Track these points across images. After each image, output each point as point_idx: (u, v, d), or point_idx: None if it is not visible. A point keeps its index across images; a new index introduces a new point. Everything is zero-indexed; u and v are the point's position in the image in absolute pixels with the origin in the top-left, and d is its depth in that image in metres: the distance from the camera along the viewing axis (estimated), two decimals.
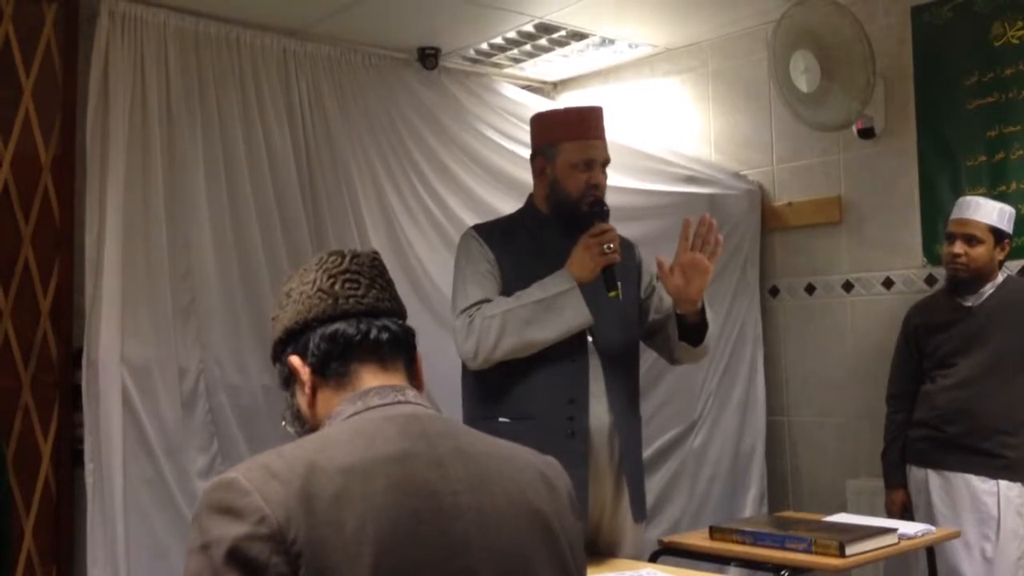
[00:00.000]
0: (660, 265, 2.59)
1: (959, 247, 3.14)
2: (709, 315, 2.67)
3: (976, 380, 3.11)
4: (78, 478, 2.85)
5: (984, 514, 3.03)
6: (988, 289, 3.16)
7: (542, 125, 2.80)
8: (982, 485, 3.07)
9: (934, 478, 3.18)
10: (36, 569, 2.81)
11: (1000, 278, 3.18)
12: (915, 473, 3.27)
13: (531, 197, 2.79)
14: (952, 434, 3.15)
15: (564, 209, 2.65)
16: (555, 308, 2.51)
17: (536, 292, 2.53)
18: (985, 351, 3.12)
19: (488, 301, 2.57)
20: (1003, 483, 3.05)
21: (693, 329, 2.67)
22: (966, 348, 3.15)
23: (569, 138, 2.68)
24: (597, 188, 2.66)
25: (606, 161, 2.71)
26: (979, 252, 3.12)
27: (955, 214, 3.20)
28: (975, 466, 3.09)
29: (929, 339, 3.26)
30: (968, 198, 3.22)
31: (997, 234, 3.13)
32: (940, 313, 3.25)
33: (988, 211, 3.13)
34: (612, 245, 2.54)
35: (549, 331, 2.52)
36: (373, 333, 1.29)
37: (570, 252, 2.57)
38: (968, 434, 3.11)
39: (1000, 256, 3.16)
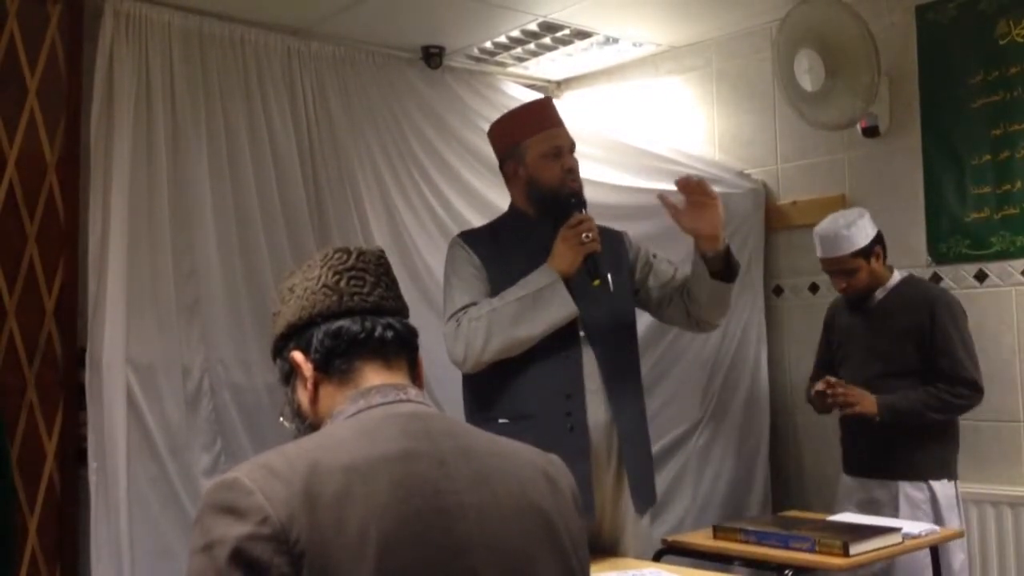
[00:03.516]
0: (669, 203, 2.60)
1: (840, 281, 3.18)
2: (735, 253, 2.66)
3: (868, 382, 3.11)
4: (82, 477, 2.86)
5: (888, 516, 3.02)
6: (879, 293, 3.20)
7: (501, 131, 2.83)
8: (882, 487, 3.10)
9: (850, 485, 3.23)
10: (40, 567, 2.82)
11: (896, 278, 3.21)
12: (842, 481, 3.30)
13: (512, 203, 2.81)
14: (857, 439, 3.20)
15: (547, 202, 2.67)
16: (539, 303, 2.53)
17: (519, 290, 2.55)
18: (875, 353, 3.15)
19: (474, 304, 2.59)
20: (903, 484, 3.07)
21: (720, 273, 2.65)
22: (858, 350, 3.19)
23: (531, 133, 2.71)
24: (572, 172, 2.69)
25: (572, 145, 2.74)
26: (860, 277, 3.16)
27: (821, 252, 3.19)
28: (877, 470, 3.13)
29: (833, 339, 3.35)
30: (822, 233, 3.17)
31: (866, 251, 3.13)
32: (842, 315, 3.33)
33: (849, 241, 3.12)
34: (590, 234, 2.55)
35: (535, 327, 2.53)
36: (378, 331, 1.29)
37: None
38: (870, 437, 3.13)
39: (879, 262, 3.18)
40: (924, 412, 3.04)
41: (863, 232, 3.14)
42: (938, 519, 3.02)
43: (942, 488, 3.08)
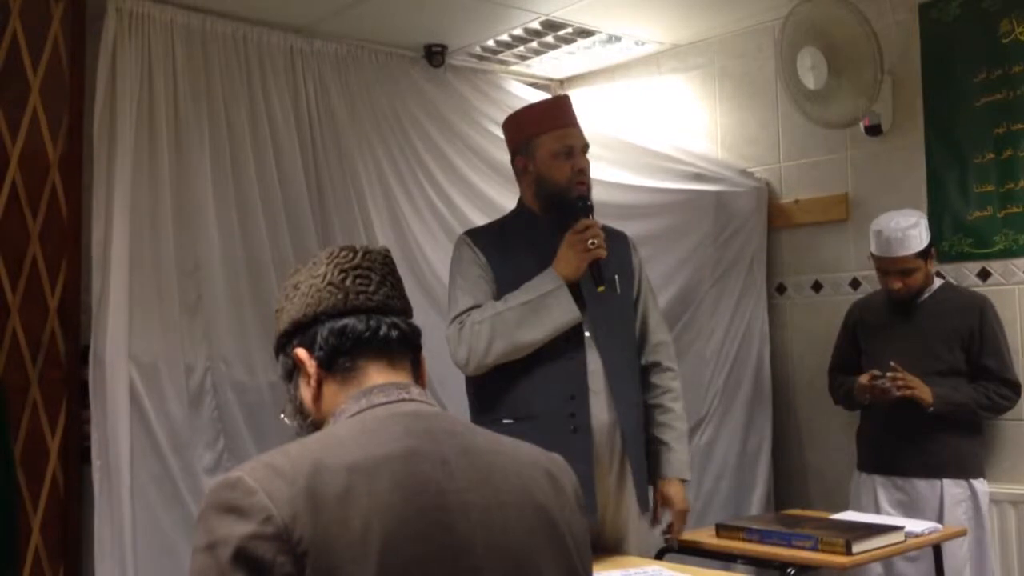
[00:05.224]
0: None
1: (896, 281, 3.18)
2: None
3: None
4: (86, 475, 2.86)
5: (930, 515, 3.04)
6: (926, 293, 3.23)
7: (515, 125, 2.82)
8: (926, 485, 3.11)
9: (882, 484, 3.22)
10: (44, 565, 2.82)
11: (936, 284, 3.25)
12: (864, 480, 3.30)
13: (521, 200, 2.80)
14: (895, 437, 3.19)
15: (555, 200, 2.66)
16: (543, 308, 2.52)
17: (523, 294, 2.55)
18: (916, 354, 3.15)
19: (478, 307, 2.58)
20: (947, 481, 3.10)
21: None
22: (903, 348, 3.18)
23: (545, 130, 2.69)
24: (582, 173, 2.67)
25: (585, 146, 2.72)
26: (917, 277, 3.18)
27: (881, 251, 3.18)
28: (918, 467, 3.13)
29: (866, 338, 3.35)
30: (885, 232, 3.17)
31: (926, 252, 3.17)
32: (877, 314, 3.34)
33: (913, 241, 3.13)
34: (596, 240, 2.54)
35: (538, 332, 2.53)
36: (383, 330, 1.29)
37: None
38: (909, 436, 3.14)
39: (932, 266, 3.21)
40: (975, 409, 3.11)
41: (926, 232, 3.17)
42: (978, 516, 3.08)
43: (980, 486, 3.12)
